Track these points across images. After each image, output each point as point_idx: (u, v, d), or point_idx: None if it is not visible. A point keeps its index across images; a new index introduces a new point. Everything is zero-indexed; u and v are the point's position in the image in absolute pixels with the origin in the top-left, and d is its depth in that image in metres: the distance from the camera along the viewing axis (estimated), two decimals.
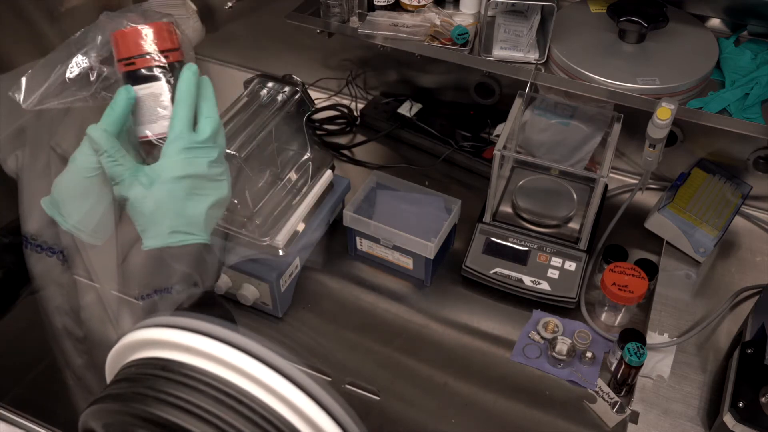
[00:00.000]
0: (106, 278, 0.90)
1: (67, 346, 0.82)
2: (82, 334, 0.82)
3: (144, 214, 0.65)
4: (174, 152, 0.65)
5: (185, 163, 0.65)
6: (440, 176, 1.22)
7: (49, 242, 0.82)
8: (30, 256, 0.80)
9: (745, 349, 0.86)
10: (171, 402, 0.43)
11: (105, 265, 0.93)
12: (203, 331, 0.45)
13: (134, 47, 0.67)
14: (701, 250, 1.06)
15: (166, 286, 0.83)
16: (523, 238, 1.04)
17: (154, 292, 0.89)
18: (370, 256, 1.07)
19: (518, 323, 0.99)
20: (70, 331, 0.83)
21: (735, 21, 1.05)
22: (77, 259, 0.85)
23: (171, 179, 0.65)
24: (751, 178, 1.12)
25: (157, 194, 0.65)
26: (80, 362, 0.80)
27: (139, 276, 0.81)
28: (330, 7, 1.08)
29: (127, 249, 1.02)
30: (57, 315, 0.82)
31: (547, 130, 1.14)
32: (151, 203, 0.65)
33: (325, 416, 0.44)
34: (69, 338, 0.82)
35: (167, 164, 0.65)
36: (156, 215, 0.65)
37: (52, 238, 0.82)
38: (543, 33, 1.03)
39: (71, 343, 0.82)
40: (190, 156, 0.66)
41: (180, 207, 0.65)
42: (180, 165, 0.65)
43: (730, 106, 0.96)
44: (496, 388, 0.92)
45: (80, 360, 0.80)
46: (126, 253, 1.01)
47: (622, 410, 0.88)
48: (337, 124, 1.33)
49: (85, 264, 0.86)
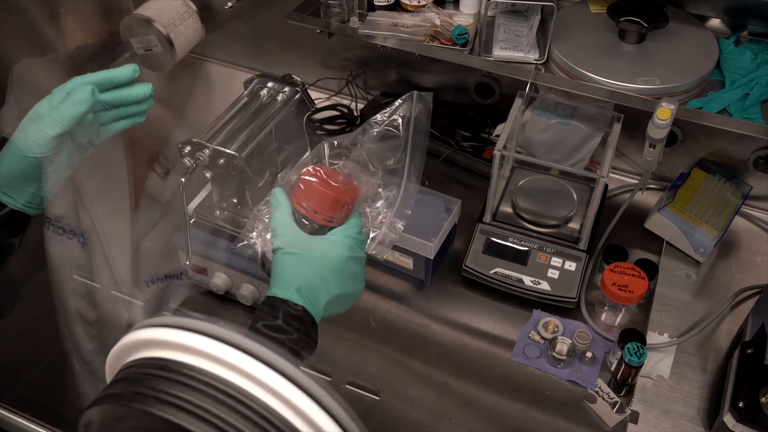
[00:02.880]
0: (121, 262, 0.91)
1: (77, 329, 0.82)
2: (95, 317, 0.83)
3: (296, 268, 0.67)
4: (345, 236, 0.69)
5: (355, 248, 0.69)
6: (440, 176, 1.22)
7: (71, 225, 0.83)
8: (51, 237, 0.81)
9: (745, 349, 0.86)
10: (171, 402, 0.43)
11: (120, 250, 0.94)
12: (203, 331, 0.45)
13: (331, 210, 0.72)
14: (701, 250, 1.06)
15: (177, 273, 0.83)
16: (523, 238, 1.04)
17: (165, 277, 0.90)
18: (370, 256, 1.07)
19: (518, 323, 0.99)
20: (83, 314, 0.84)
21: (735, 21, 1.05)
22: (96, 243, 0.87)
23: (342, 256, 0.68)
24: (751, 178, 1.12)
25: (322, 261, 0.67)
26: (90, 347, 0.80)
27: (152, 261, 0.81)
28: (330, 7, 1.08)
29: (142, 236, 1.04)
30: (72, 298, 0.83)
31: (547, 130, 1.14)
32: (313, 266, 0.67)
33: (325, 416, 0.44)
34: (81, 321, 0.83)
35: (339, 249, 0.68)
36: (308, 276, 0.66)
37: (74, 221, 0.83)
38: (543, 33, 1.03)
39: (82, 326, 0.82)
40: (356, 244, 0.70)
41: (321, 277, 0.67)
42: (353, 247, 0.69)
43: (730, 106, 0.96)
44: (496, 388, 0.92)
45: (90, 344, 0.80)
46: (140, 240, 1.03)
47: (622, 410, 0.88)
48: (337, 124, 1.33)
49: (103, 248, 0.87)
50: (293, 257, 0.67)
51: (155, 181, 1.05)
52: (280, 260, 0.67)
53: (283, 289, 0.65)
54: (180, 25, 1.26)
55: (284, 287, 0.65)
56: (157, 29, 1.23)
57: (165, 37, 1.24)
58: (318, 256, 0.67)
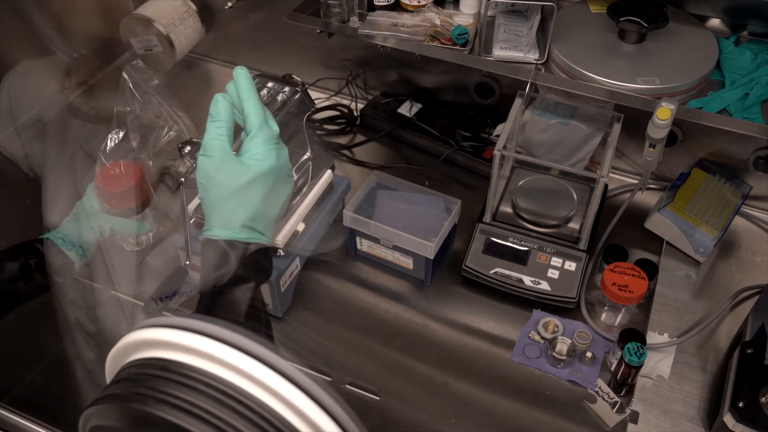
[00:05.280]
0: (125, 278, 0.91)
1: (79, 339, 0.82)
2: (95, 329, 0.82)
3: (217, 200, 0.63)
4: (260, 144, 0.64)
5: (275, 155, 0.64)
6: (440, 176, 1.22)
7: (70, 236, 0.83)
8: (50, 247, 0.81)
9: (745, 349, 0.86)
10: (171, 402, 0.43)
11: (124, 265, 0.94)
12: (203, 331, 0.45)
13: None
14: (701, 250, 1.06)
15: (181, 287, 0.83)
16: (523, 238, 1.04)
17: (174, 294, 0.90)
18: (370, 256, 1.07)
19: (518, 323, 0.99)
20: (83, 325, 0.83)
21: (735, 21, 1.05)
22: (97, 256, 0.86)
23: (263, 171, 0.63)
24: (751, 178, 1.12)
25: (240, 183, 0.62)
26: (92, 356, 0.80)
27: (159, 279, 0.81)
28: (330, 7, 1.08)
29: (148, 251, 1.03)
30: (71, 308, 0.83)
31: (547, 130, 1.14)
32: (232, 191, 0.62)
33: (325, 416, 0.44)
34: (81, 332, 0.82)
35: (258, 154, 0.63)
36: (231, 204, 0.63)
37: (72, 232, 0.83)
38: (543, 33, 1.03)
39: (83, 336, 0.82)
40: (274, 149, 0.64)
41: (259, 202, 0.63)
42: (271, 157, 0.63)
43: (730, 106, 0.96)
44: (496, 388, 0.92)
45: (92, 354, 0.80)
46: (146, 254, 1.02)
47: (622, 410, 0.88)
48: (337, 124, 1.33)
49: (105, 262, 0.86)
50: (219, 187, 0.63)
51: (165, 195, 1.05)
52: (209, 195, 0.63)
53: (225, 229, 0.62)
54: (180, 25, 1.26)
55: (225, 226, 0.62)
56: (157, 29, 1.23)
57: (165, 37, 1.24)
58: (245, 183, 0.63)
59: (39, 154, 0.89)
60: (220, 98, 0.66)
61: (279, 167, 0.65)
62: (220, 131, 0.65)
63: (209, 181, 0.64)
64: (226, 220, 0.63)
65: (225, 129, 0.65)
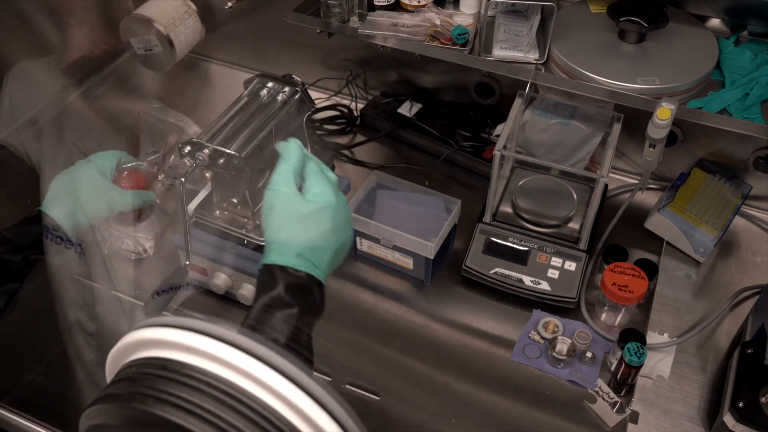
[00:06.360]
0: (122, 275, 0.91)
1: (79, 340, 0.82)
2: (95, 329, 0.83)
3: (277, 229, 0.66)
4: (320, 185, 0.68)
5: (334, 197, 0.68)
6: (440, 176, 1.22)
7: (68, 234, 0.83)
8: (49, 246, 0.81)
9: (745, 349, 0.86)
10: (171, 402, 0.43)
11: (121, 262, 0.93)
12: (203, 331, 0.45)
13: None
14: (701, 250, 1.06)
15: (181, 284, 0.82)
16: (523, 238, 1.04)
17: (170, 288, 0.90)
18: (370, 256, 1.07)
19: (518, 323, 0.99)
20: (83, 325, 0.83)
21: (735, 21, 1.05)
22: (95, 254, 0.86)
23: (322, 206, 0.67)
24: (751, 178, 1.12)
25: (300, 214, 0.66)
26: (92, 357, 0.80)
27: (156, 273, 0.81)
28: (330, 7, 1.08)
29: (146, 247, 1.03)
30: (70, 308, 0.83)
31: (547, 130, 1.14)
32: (291, 221, 0.66)
33: (325, 416, 0.44)
34: (81, 332, 0.83)
35: (319, 194, 0.67)
36: (288, 233, 0.66)
37: (71, 231, 0.83)
38: (543, 33, 1.03)
39: (83, 337, 0.82)
40: (333, 191, 0.69)
41: (315, 235, 0.66)
42: (330, 197, 0.67)
43: (730, 106, 0.96)
44: (496, 388, 0.92)
45: (92, 355, 0.80)
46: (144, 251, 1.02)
47: (622, 410, 0.88)
48: (337, 124, 1.33)
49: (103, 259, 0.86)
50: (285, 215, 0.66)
51: (160, 191, 1.05)
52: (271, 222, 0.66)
53: (281, 255, 0.64)
54: (180, 25, 1.26)
55: (282, 252, 0.64)
56: (157, 29, 1.23)
57: (165, 37, 1.24)
58: (311, 213, 0.66)
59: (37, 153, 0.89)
60: (293, 141, 0.71)
61: (337, 207, 0.68)
62: (288, 169, 0.68)
63: (271, 211, 0.67)
64: (283, 248, 0.65)
65: (293, 169, 0.69)
